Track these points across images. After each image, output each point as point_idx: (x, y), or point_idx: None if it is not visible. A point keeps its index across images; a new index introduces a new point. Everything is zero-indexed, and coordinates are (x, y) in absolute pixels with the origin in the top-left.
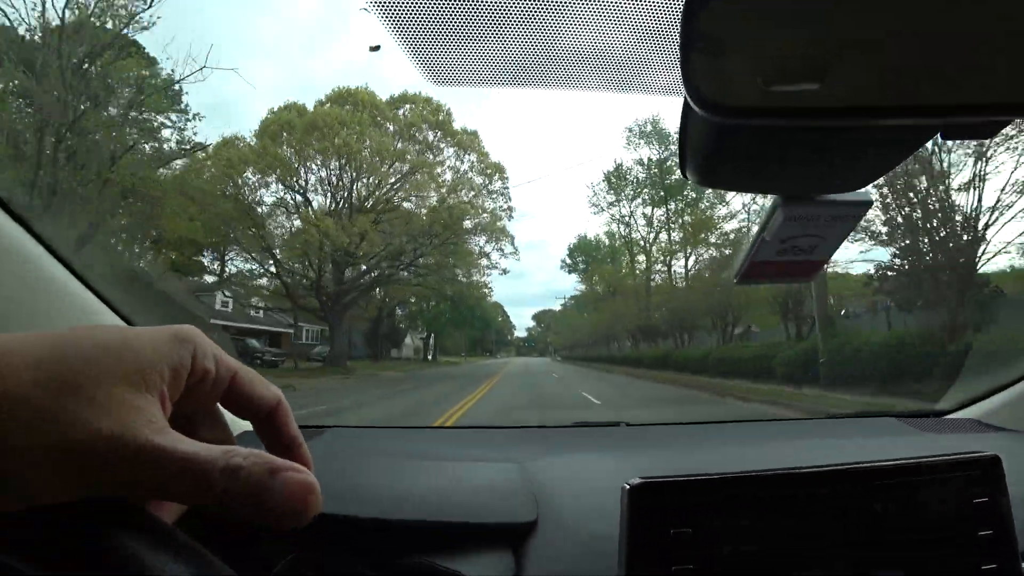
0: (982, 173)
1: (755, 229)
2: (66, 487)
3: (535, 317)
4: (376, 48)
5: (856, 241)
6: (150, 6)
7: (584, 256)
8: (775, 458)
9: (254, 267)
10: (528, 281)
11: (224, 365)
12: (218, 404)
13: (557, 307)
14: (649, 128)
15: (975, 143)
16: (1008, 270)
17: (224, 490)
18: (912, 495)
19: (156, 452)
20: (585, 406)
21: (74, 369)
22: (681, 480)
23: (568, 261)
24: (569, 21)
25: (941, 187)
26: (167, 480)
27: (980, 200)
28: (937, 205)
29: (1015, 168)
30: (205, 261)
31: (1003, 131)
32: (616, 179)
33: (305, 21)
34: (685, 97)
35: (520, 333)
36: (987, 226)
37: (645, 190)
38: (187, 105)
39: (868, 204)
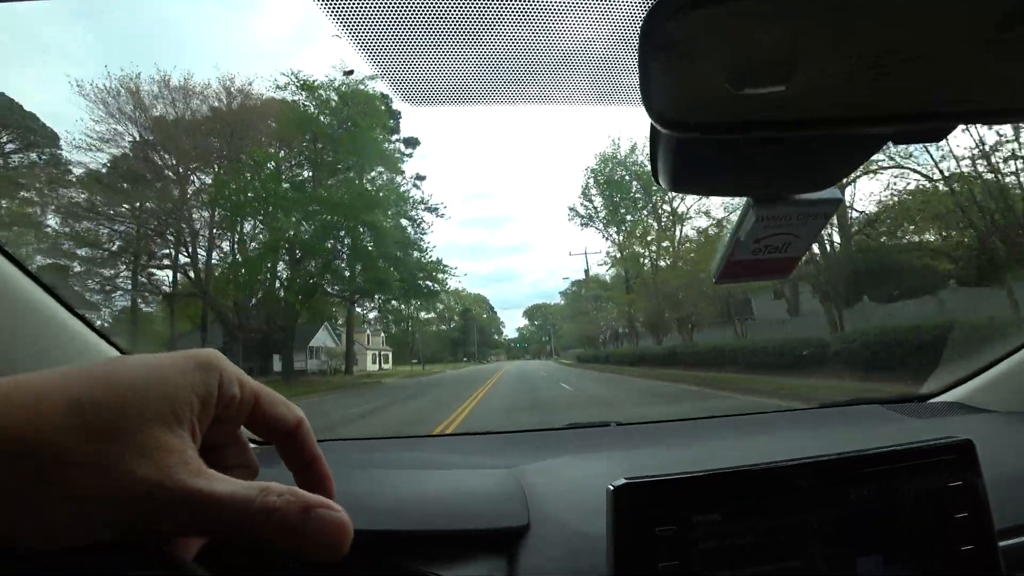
0: None
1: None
2: (104, 530)
3: (527, 313)
4: (350, 72)
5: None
6: None
7: (609, 193)
8: (762, 451)
9: None
10: (518, 283)
11: (248, 388)
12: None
13: (556, 300)
14: None
15: None
16: None
17: (260, 529)
18: (890, 482)
19: (195, 496)
20: None
21: (110, 411)
22: (662, 479)
23: (580, 210)
24: (544, 36)
25: None
26: (204, 522)
27: None
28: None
29: None
30: None
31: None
32: None
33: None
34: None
35: (511, 334)
36: None
37: None
38: None
39: (837, 202)
